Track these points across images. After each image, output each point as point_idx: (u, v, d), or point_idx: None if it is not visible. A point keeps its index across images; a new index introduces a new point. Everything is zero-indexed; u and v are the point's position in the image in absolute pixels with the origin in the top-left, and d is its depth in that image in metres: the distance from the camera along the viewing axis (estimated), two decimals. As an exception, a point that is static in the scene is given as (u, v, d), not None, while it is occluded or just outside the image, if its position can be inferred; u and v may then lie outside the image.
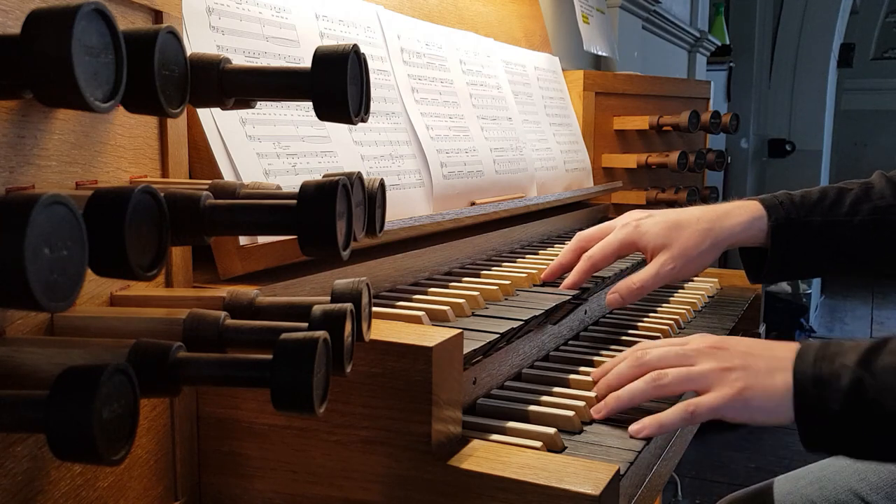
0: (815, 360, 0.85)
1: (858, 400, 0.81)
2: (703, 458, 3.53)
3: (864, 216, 1.15)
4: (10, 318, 0.59)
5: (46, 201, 0.41)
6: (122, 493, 0.71)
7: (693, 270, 1.17)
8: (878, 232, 1.15)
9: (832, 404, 0.82)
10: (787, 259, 1.16)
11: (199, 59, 0.63)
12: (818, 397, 0.83)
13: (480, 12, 1.74)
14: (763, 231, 1.16)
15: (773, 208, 1.16)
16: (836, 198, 1.17)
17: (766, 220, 1.16)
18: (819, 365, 0.84)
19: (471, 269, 1.25)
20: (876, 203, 1.15)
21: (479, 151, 1.44)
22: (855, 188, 1.18)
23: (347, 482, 0.77)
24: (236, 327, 0.62)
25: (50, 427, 0.46)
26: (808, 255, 1.17)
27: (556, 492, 0.69)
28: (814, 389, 0.83)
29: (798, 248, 1.16)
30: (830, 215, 1.16)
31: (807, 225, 1.15)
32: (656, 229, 1.16)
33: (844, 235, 1.15)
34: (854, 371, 0.81)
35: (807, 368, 0.84)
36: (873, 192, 1.17)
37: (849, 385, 0.81)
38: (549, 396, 0.98)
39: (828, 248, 1.16)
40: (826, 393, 0.82)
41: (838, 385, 0.82)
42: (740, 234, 1.16)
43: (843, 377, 0.82)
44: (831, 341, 0.87)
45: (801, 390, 0.84)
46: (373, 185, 0.72)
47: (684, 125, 2.06)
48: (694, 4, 3.93)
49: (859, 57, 7.28)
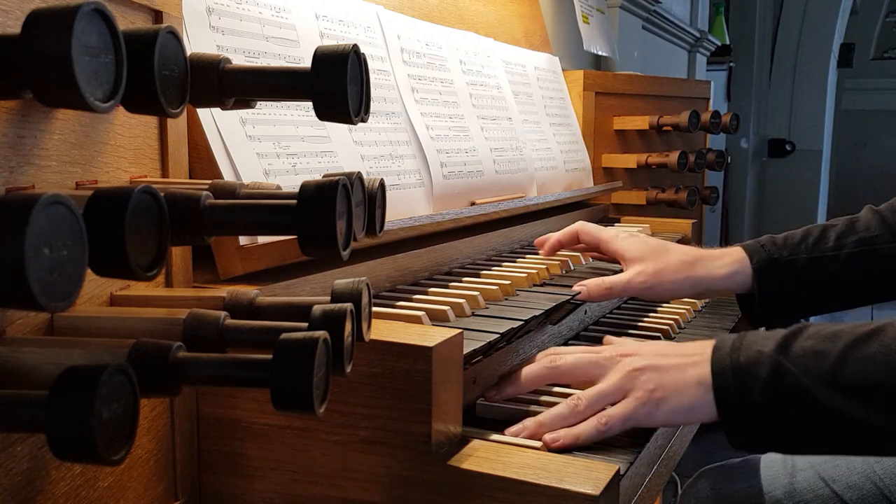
0: (731, 350, 0.83)
1: (779, 386, 0.78)
2: (703, 458, 3.53)
3: (851, 248, 1.15)
4: (10, 318, 0.59)
5: (46, 201, 0.41)
6: (122, 493, 0.71)
7: (665, 294, 1.18)
8: (867, 263, 1.14)
9: (754, 395, 0.79)
10: (775, 300, 1.16)
11: (199, 59, 0.63)
12: (738, 388, 0.80)
13: (480, 12, 1.74)
14: (748, 276, 1.16)
15: (755, 251, 1.17)
16: (820, 235, 1.17)
17: (749, 264, 1.16)
18: (736, 354, 0.82)
19: (471, 269, 1.25)
20: (861, 235, 1.15)
21: (479, 151, 1.44)
22: (839, 224, 1.19)
23: (347, 482, 0.77)
24: (236, 327, 0.62)
25: (50, 427, 0.46)
26: (796, 294, 1.16)
27: (556, 492, 0.69)
28: (733, 380, 0.80)
29: (785, 287, 1.16)
30: (816, 251, 1.16)
31: (791, 264, 1.15)
32: (640, 245, 1.20)
33: (832, 270, 1.15)
34: (772, 357, 0.79)
35: (724, 359, 0.82)
36: (858, 224, 1.17)
37: (768, 372, 0.79)
38: (549, 396, 0.98)
39: (816, 284, 1.16)
40: (746, 382, 0.80)
41: (758, 372, 0.79)
42: (723, 280, 1.17)
43: (761, 364, 0.79)
44: (748, 332, 0.85)
45: (721, 383, 0.81)
46: (373, 185, 0.72)
47: (684, 125, 2.06)
48: (694, 4, 3.93)
49: (859, 57, 7.27)
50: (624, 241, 1.22)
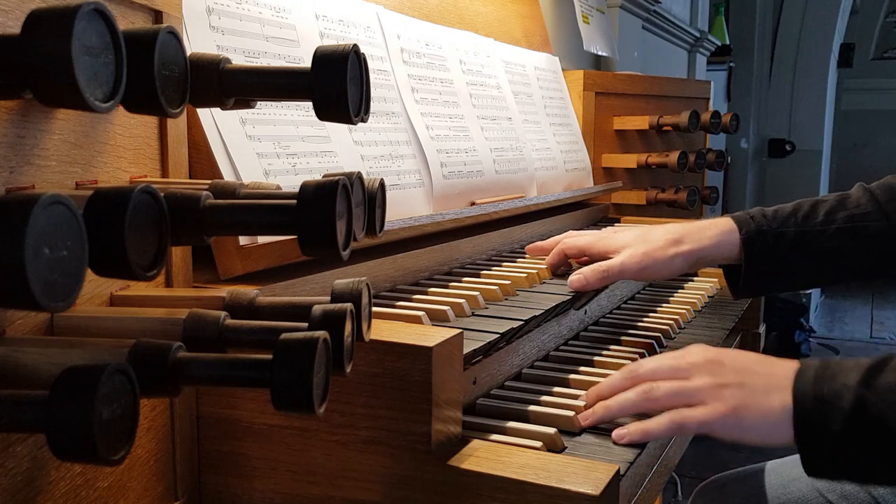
0: (815, 379, 0.82)
1: (861, 420, 0.78)
2: (703, 458, 3.53)
3: (840, 224, 1.15)
4: (10, 318, 0.59)
5: (46, 201, 0.41)
6: (122, 493, 0.71)
7: (660, 271, 1.18)
8: (856, 239, 1.15)
9: (833, 425, 0.79)
10: (761, 271, 1.17)
11: (199, 59, 0.63)
12: (819, 417, 0.80)
13: (480, 12, 1.74)
14: (736, 246, 1.17)
15: (745, 222, 1.18)
16: (810, 209, 1.18)
17: (738, 235, 1.16)
18: (819, 384, 0.82)
19: (471, 269, 1.25)
20: (852, 211, 1.16)
21: (479, 151, 1.44)
22: (830, 199, 1.19)
23: (347, 482, 0.77)
24: (236, 327, 0.62)
25: (50, 427, 0.46)
26: (782, 266, 1.17)
27: (556, 492, 0.69)
28: (814, 409, 0.80)
29: (772, 260, 1.16)
30: (805, 226, 1.16)
31: (780, 236, 1.16)
32: (626, 235, 1.21)
33: (820, 245, 1.15)
34: (856, 390, 0.79)
35: (807, 388, 0.82)
36: (849, 201, 1.17)
37: (851, 404, 0.79)
38: (549, 396, 0.98)
39: (803, 258, 1.16)
40: (827, 412, 0.80)
41: (840, 404, 0.79)
42: (711, 249, 1.18)
43: (844, 396, 0.79)
44: (831, 360, 0.85)
45: (802, 410, 0.81)
46: (373, 185, 0.72)
47: (684, 125, 2.06)
48: (694, 4, 3.93)
49: (859, 57, 7.27)
50: (607, 238, 1.23)
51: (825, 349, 5.49)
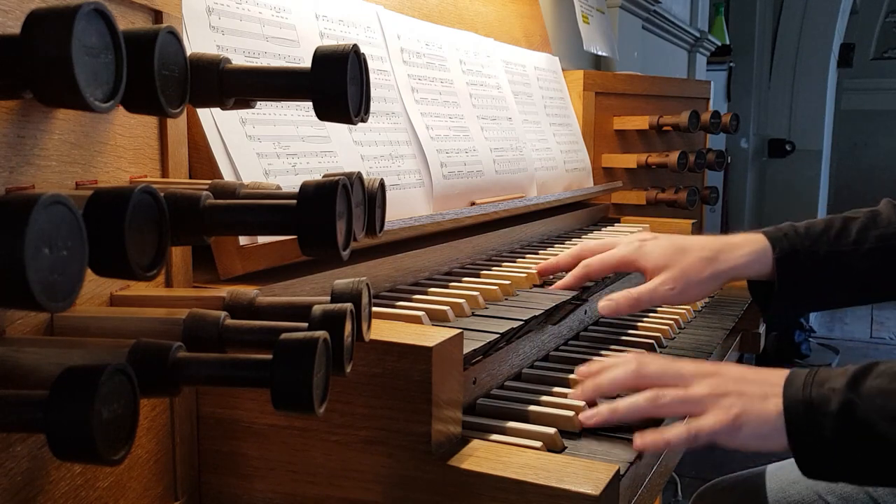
0: (804, 385, 0.85)
1: (849, 423, 0.81)
2: (703, 458, 3.53)
3: (872, 244, 1.13)
4: (10, 318, 0.59)
5: (46, 201, 0.41)
6: (122, 493, 0.71)
7: (692, 297, 1.16)
8: (887, 259, 1.13)
9: (824, 430, 0.82)
10: (794, 291, 1.15)
11: (199, 59, 0.63)
12: (810, 422, 0.82)
13: (480, 12, 1.74)
14: (769, 264, 1.15)
15: (778, 240, 1.15)
16: (842, 227, 1.16)
17: (770, 253, 1.15)
18: (808, 390, 0.84)
19: (471, 269, 1.25)
20: (883, 230, 1.14)
21: (479, 151, 1.44)
22: (861, 217, 1.17)
23: (347, 482, 0.77)
24: (236, 327, 0.62)
25: (50, 427, 0.46)
26: (815, 286, 1.15)
27: (556, 492, 0.69)
28: (805, 414, 0.83)
29: (805, 279, 1.15)
30: (836, 245, 1.14)
31: (813, 255, 1.14)
32: (659, 251, 1.16)
33: (852, 265, 1.14)
34: (843, 394, 0.82)
35: (796, 394, 0.84)
36: (880, 219, 1.16)
37: (838, 408, 0.81)
38: (549, 396, 0.98)
39: (836, 277, 1.15)
40: (817, 417, 0.82)
41: (828, 409, 0.82)
42: (744, 268, 1.15)
43: (832, 401, 0.82)
44: (820, 368, 0.87)
45: (793, 416, 0.83)
46: (373, 185, 0.72)
47: (684, 125, 2.06)
48: (694, 4, 3.93)
49: (859, 57, 7.27)
50: (643, 255, 1.17)
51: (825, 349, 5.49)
